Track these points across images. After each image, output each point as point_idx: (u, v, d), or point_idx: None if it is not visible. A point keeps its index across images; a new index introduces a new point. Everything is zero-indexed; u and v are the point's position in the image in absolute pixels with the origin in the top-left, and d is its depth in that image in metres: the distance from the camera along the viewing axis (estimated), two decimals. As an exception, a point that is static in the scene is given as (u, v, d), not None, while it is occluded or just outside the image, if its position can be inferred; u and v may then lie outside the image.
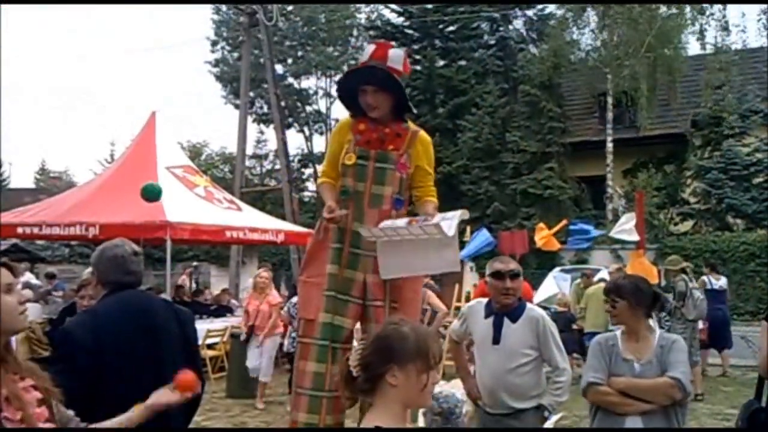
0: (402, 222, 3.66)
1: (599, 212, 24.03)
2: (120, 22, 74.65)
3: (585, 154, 24.69)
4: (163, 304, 3.56)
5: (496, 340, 4.05)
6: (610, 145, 24.35)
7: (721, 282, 12.14)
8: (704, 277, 11.91)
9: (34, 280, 14.67)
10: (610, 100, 24.46)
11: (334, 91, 34.12)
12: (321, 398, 3.69)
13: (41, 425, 2.04)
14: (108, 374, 2.89)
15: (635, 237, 11.61)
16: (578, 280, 12.04)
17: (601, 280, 11.66)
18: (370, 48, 3.91)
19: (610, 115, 24.46)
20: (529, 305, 4.22)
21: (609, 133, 24.39)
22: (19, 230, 11.86)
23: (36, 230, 11.62)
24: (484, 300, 4.28)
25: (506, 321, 4.06)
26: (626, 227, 11.55)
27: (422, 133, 3.99)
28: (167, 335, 3.15)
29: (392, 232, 3.58)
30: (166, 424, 3.07)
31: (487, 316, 4.15)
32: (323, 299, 3.76)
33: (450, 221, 3.53)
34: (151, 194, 10.02)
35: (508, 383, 4.02)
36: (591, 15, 25.29)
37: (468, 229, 12.81)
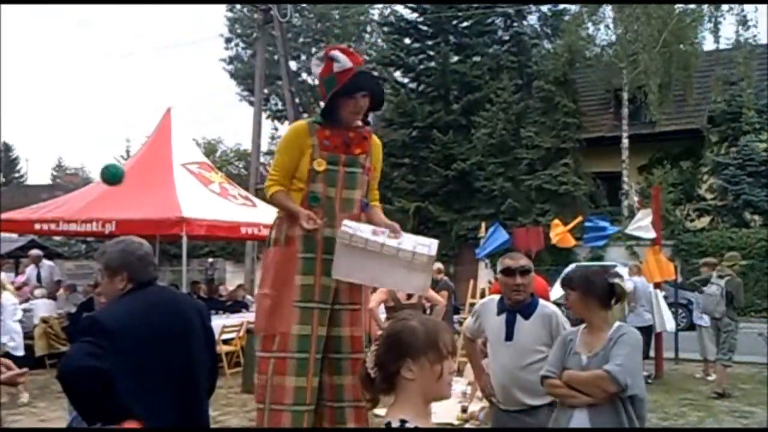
0: (367, 228, 3.65)
1: (615, 208, 23.92)
2: (135, 20, 75.06)
3: (600, 150, 24.57)
4: (187, 297, 3.64)
5: (509, 336, 4.05)
6: (625, 141, 24.22)
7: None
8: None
9: (57, 274, 14.78)
10: (625, 95, 24.32)
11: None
12: (303, 413, 3.62)
13: None
14: (137, 360, 2.92)
15: (651, 234, 11.57)
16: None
17: (618, 276, 11.63)
18: (344, 57, 3.75)
19: (625, 111, 24.33)
20: (542, 302, 4.21)
21: (624, 128, 24.26)
22: (37, 226, 11.96)
23: (53, 226, 11.71)
24: (497, 297, 4.27)
25: (519, 318, 4.05)
26: (642, 224, 11.52)
27: (374, 135, 4.03)
28: (193, 328, 3.21)
29: (375, 250, 3.55)
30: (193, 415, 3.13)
31: (499, 313, 4.14)
32: (296, 312, 3.64)
33: (429, 248, 3.57)
34: (111, 177, 8.83)
35: (521, 380, 4.02)
36: (606, 10, 25.16)
37: (483, 225, 12.78)
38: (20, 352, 9.55)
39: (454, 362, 2.16)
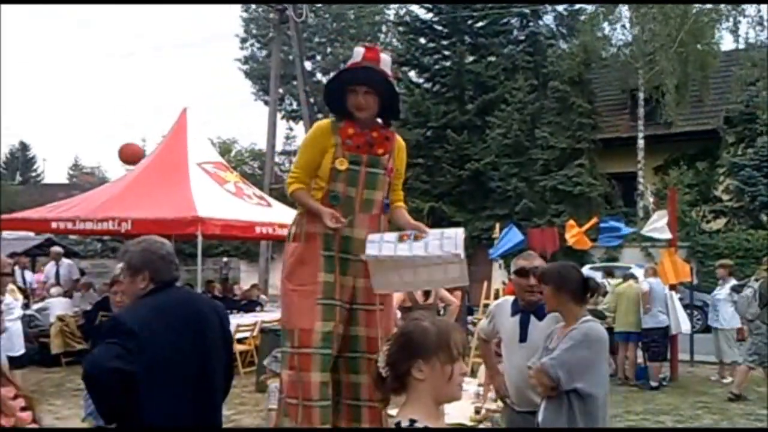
0: (392, 237, 3.62)
1: (630, 209, 23.78)
2: (150, 20, 75.43)
3: (616, 151, 24.44)
4: (206, 299, 3.66)
5: (523, 338, 4.04)
6: (641, 142, 24.08)
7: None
8: (603, 281, 12.12)
9: (75, 272, 14.88)
10: (641, 95, 24.18)
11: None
12: (328, 408, 3.65)
13: (29, 426, 2.07)
14: (157, 361, 2.95)
15: (667, 235, 11.52)
16: (617, 280, 11.94)
17: (632, 278, 11.57)
18: (359, 50, 3.82)
19: (641, 111, 24.19)
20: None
21: (640, 129, 24.12)
22: (53, 225, 12.06)
23: (70, 225, 11.81)
24: (511, 298, 4.27)
25: (532, 319, 4.05)
26: (658, 225, 11.47)
27: (399, 136, 3.99)
28: (211, 328, 3.24)
29: (405, 256, 3.52)
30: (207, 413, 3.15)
31: (513, 314, 4.14)
32: (319, 308, 3.65)
33: (454, 240, 3.53)
34: None
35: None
36: (623, 10, 25.03)
37: (497, 226, 12.75)
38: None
39: (466, 363, 2.17)
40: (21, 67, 77.74)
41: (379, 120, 3.91)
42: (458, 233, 3.57)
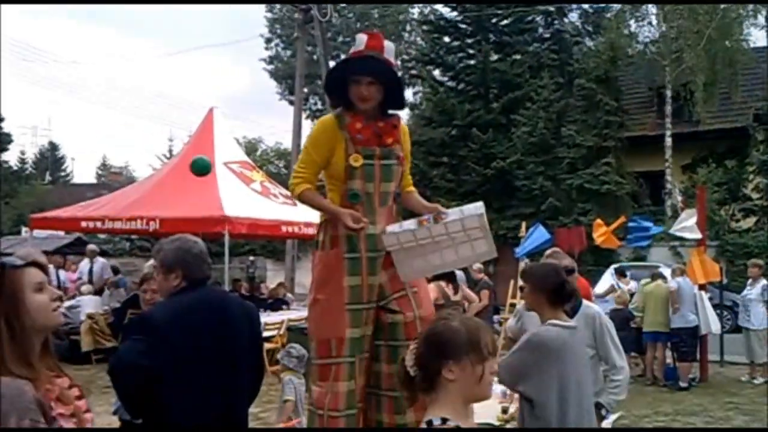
0: (410, 224, 3.50)
1: (658, 208, 23.55)
2: (176, 19, 76.03)
3: (643, 149, 24.21)
4: (237, 299, 3.67)
5: (552, 338, 4.01)
6: (668, 140, 23.83)
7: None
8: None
9: (108, 271, 15.06)
10: (668, 93, 23.93)
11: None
12: (355, 416, 3.59)
13: (85, 416, 2.12)
14: (183, 360, 2.98)
15: (697, 234, 11.39)
16: (645, 279, 11.85)
17: (661, 277, 11.46)
18: (362, 38, 3.68)
19: (668, 109, 23.94)
20: (585, 302, 4.18)
21: (668, 127, 23.88)
22: (83, 224, 12.23)
23: (99, 224, 11.97)
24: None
25: (562, 318, 4.02)
26: (687, 224, 11.34)
27: (402, 122, 3.85)
28: (240, 329, 3.25)
29: (428, 240, 3.43)
30: (231, 412, 3.17)
31: (542, 314, 4.11)
32: (347, 315, 3.53)
33: (474, 214, 3.42)
34: (201, 168, 9.26)
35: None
36: (649, 7, 24.79)
37: (523, 225, 12.70)
38: None
39: (495, 363, 2.16)
40: (51, 67, 78.82)
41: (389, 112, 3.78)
42: (477, 207, 3.46)
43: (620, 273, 13.38)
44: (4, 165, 40.69)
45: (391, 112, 3.74)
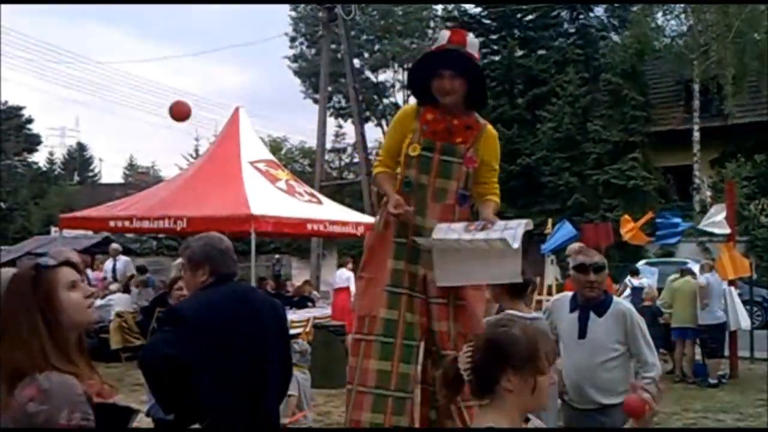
0: (459, 226, 3.49)
1: (686, 203, 23.30)
2: (200, 21, 76.60)
3: (670, 144, 23.97)
4: (263, 295, 3.72)
5: (582, 334, 4.00)
6: (696, 134, 23.57)
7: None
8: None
9: (131, 268, 15.22)
10: (696, 87, 23.65)
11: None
12: (387, 397, 3.51)
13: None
14: (212, 351, 3.01)
15: (725, 229, 11.25)
16: (674, 275, 11.73)
17: (690, 273, 11.34)
18: (445, 33, 3.67)
19: (696, 103, 23.67)
20: (616, 299, 4.15)
21: (696, 121, 23.60)
22: (111, 224, 12.36)
23: (127, 224, 12.08)
24: (569, 294, 4.23)
25: (592, 315, 4.00)
26: (716, 219, 11.21)
27: (490, 126, 3.79)
28: (267, 323, 3.29)
29: (453, 243, 3.42)
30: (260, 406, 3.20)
31: (572, 310, 4.10)
32: (384, 295, 3.57)
33: (514, 231, 3.38)
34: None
35: (595, 378, 3.97)
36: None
37: (549, 221, 12.64)
38: None
39: (555, 371, 2.08)
40: (79, 68, 79.78)
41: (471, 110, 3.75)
42: (520, 225, 3.44)
43: (633, 271, 13.27)
44: (33, 166, 41.27)
45: (470, 114, 3.72)
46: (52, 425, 1.86)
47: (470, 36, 3.67)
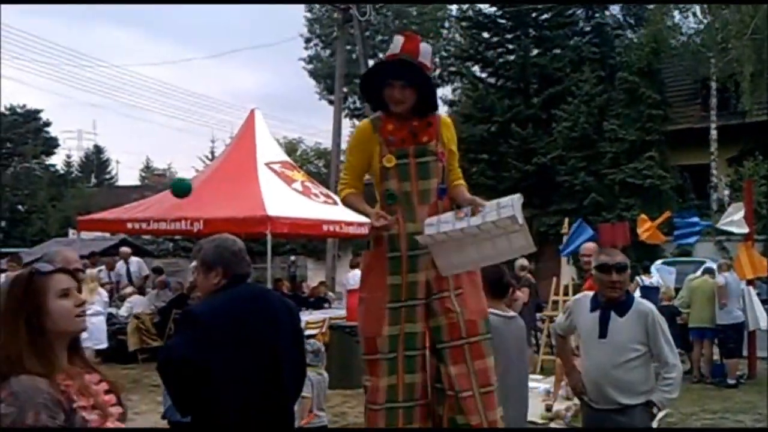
0: (448, 216, 3.50)
1: (703, 202, 23.12)
2: (215, 24, 76.96)
3: (687, 142, 23.76)
4: (277, 295, 3.73)
5: (603, 334, 3.98)
6: (714, 133, 23.37)
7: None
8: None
9: (145, 269, 15.30)
10: (714, 85, 23.45)
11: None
12: (397, 410, 3.60)
13: (110, 409, 2.20)
14: (228, 352, 3.02)
15: (744, 228, 11.17)
16: (692, 275, 11.64)
17: (708, 272, 11.25)
18: (399, 39, 3.75)
19: (714, 101, 23.47)
20: (638, 299, 4.15)
21: (713, 119, 23.41)
22: (128, 225, 12.46)
23: (144, 225, 12.17)
24: (590, 293, 4.21)
25: (613, 315, 3.98)
26: (735, 218, 11.13)
27: (443, 115, 3.89)
28: (282, 324, 3.29)
29: (457, 233, 3.40)
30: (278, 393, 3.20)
31: (593, 310, 4.08)
32: (386, 312, 3.60)
33: (510, 207, 3.38)
34: (180, 190, 10.15)
35: (615, 378, 3.95)
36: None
37: (566, 221, 12.58)
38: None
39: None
40: (95, 71, 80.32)
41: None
42: (514, 199, 3.44)
43: (644, 269, 13.18)
44: (51, 169, 41.60)
45: (423, 115, 3.76)
46: (20, 425, 1.94)
47: (423, 44, 3.75)
